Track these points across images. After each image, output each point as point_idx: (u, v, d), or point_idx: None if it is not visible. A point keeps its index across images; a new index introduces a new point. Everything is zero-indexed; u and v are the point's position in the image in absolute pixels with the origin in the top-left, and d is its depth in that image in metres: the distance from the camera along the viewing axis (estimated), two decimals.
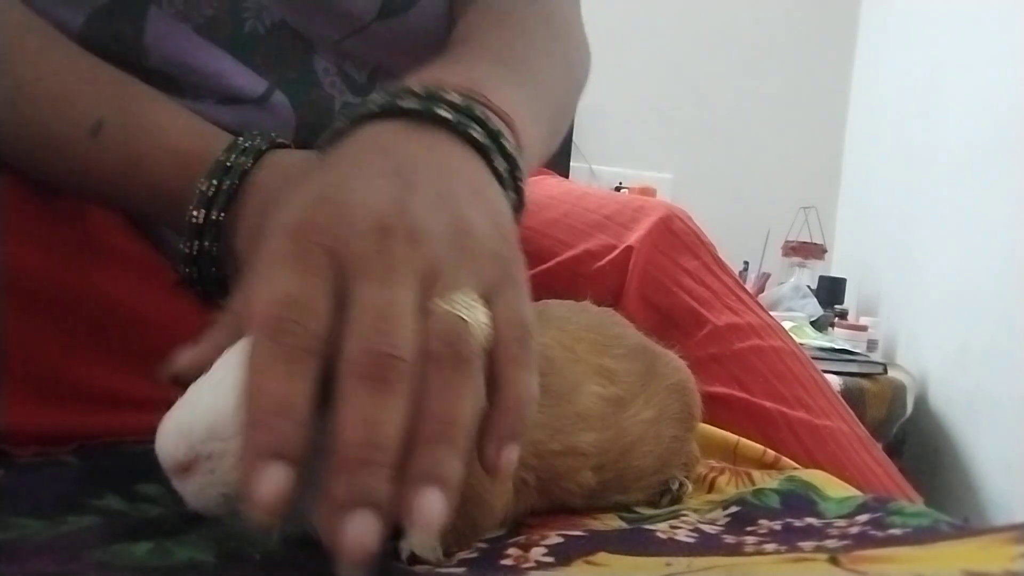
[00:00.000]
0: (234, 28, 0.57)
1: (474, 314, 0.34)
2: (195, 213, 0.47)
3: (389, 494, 0.29)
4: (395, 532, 0.37)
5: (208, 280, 0.49)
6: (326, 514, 0.28)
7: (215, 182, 0.47)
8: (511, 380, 0.34)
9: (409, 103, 0.40)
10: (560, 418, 0.43)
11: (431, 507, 0.29)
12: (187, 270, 0.48)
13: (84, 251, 0.54)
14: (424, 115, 0.40)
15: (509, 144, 0.42)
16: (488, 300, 0.35)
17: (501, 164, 0.42)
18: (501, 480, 0.38)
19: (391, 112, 0.41)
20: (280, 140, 0.51)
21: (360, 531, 0.28)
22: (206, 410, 0.34)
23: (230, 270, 0.48)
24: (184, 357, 0.37)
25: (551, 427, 0.43)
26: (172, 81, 0.57)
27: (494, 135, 0.42)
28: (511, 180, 0.42)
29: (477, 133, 0.41)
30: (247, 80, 0.58)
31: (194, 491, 0.34)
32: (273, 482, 0.28)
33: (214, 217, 0.47)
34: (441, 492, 0.29)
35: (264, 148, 0.49)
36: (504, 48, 0.54)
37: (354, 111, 0.42)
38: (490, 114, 0.42)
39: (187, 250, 0.48)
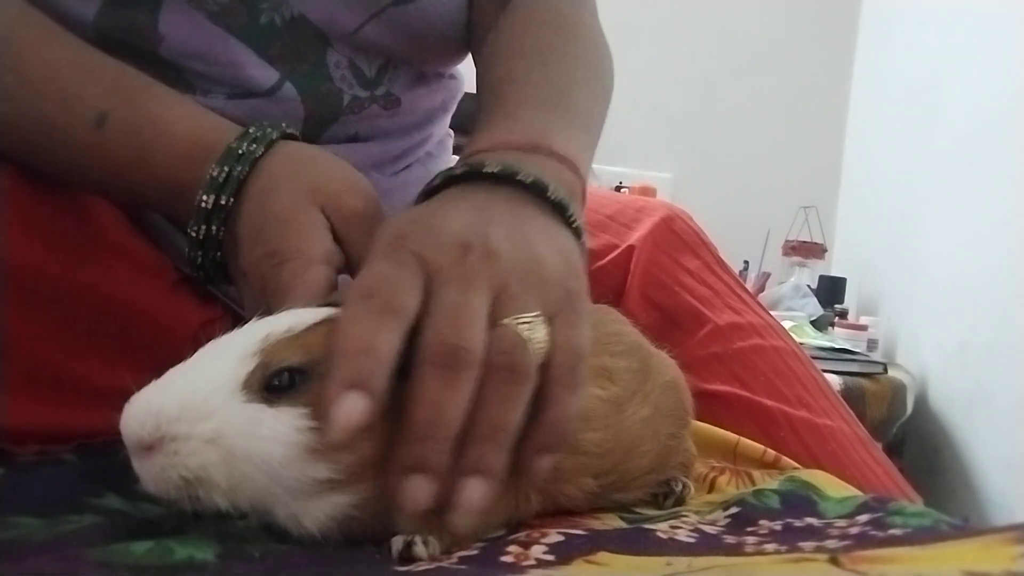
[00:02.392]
0: (249, 18, 0.57)
1: (534, 333, 0.38)
2: (204, 198, 0.48)
3: (443, 465, 0.34)
4: (390, 532, 0.37)
5: (211, 265, 0.50)
6: (392, 474, 0.34)
7: (226, 168, 0.48)
8: (556, 399, 0.38)
9: (491, 168, 0.45)
10: None
11: (475, 492, 0.34)
12: (192, 254, 0.49)
13: (84, 248, 0.54)
14: (502, 177, 0.45)
15: (575, 204, 0.47)
16: (550, 323, 0.39)
17: (576, 221, 0.46)
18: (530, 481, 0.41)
19: (475, 176, 0.45)
20: (290, 131, 0.52)
21: (415, 491, 0.33)
22: (180, 392, 0.35)
23: (230, 255, 0.49)
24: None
25: None
26: (182, 77, 0.57)
27: (563, 201, 0.46)
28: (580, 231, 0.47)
29: (551, 191, 0.45)
30: (260, 71, 0.59)
31: (154, 472, 0.34)
32: (353, 408, 0.32)
33: (223, 202, 0.48)
34: (485, 481, 0.35)
35: (275, 137, 0.50)
36: (548, 87, 0.56)
37: (443, 173, 0.47)
38: (555, 173, 0.47)
39: (194, 234, 0.48)
